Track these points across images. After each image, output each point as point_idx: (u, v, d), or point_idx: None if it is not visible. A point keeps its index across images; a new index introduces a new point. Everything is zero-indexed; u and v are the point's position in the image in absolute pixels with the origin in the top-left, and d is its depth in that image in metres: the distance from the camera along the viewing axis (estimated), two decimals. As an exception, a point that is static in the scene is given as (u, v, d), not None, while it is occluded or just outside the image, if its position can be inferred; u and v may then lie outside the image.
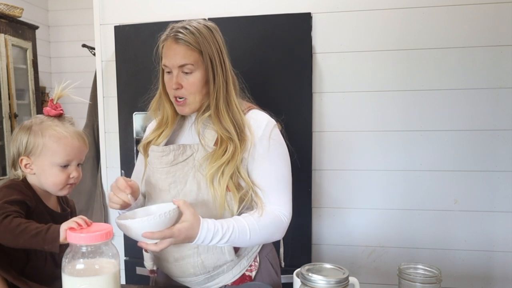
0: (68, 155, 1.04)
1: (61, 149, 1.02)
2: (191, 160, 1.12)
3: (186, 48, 1.09)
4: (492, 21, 1.86)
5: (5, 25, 3.17)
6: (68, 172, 1.05)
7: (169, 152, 1.13)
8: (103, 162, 2.26)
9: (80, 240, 0.81)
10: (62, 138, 1.03)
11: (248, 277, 1.16)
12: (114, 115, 2.16)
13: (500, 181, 1.92)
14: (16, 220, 0.92)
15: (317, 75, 1.99)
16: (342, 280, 0.80)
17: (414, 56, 1.93)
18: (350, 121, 2.00)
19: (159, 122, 1.21)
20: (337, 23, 1.96)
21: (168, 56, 1.11)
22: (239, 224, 1.05)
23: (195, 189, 1.10)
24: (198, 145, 1.13)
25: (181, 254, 1.11)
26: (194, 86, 1.11)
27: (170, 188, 1.12)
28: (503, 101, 1.89)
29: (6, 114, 3.13)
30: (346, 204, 2.04)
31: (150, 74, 1.25)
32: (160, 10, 2.09)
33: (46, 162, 1.03)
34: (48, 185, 1.05)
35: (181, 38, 1.09)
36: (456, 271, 1.98)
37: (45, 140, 1.02)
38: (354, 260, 2.07)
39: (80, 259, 0.81)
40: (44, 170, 1.03)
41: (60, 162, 1.03)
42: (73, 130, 1.07)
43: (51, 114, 1.06)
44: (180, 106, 1.14)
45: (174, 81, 1.10)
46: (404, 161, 1.98)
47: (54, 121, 1.05)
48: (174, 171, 1.12)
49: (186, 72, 1.10)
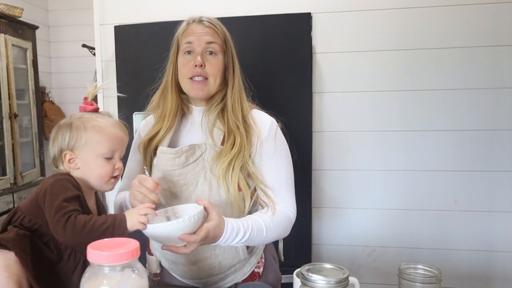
0: (112, 145, 1.03)
1: (105, 139, 1.02)
2: (201, 160, 1.12)
3: (213, 31, 1.13)
4: (492, 21, 1.86)
5: (5, 25, 3.17)
6: (113, 163, 1.03)
7: (181, 154, 1.11)
8: (103, 162, 2.26)
9: (103, 260, 0.67)
10: (104, 128, 1.03)
11: (257, 273, 1.18)
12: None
13: (500, 181, 1.92)
14: (80, 219, 0.89)
15: (317, 75, 1.99)
16: (342, 280, 0.80)
17: (414, 56, 1.93)
18: (350, 121, 2.00)
19: (158, 116, 1.19)
20: (337, 23, 1.96)
21: (195, 34, 1.12)
22: (257, 223, 1.06)
23: (206, 190, 1.10)
24: (205, 144, 1.13)
25: (198, 257, 1.11)
26: (216, 67, 1.12)
27: (182, 190, 1.11)
28: (503, 101, 1.89)
29: (6, 114, 3.13)
30: (346, 204, 2.04)
31: (151, 74, 1.25)
32: (160, 10, 2.09)
33: (91, 154, 1.01)
34: (95, 178, 1.02)
35: (207, 21, 1.13)
36: (456, 271, 1.98)
37: (88, 132, 1.01)
38: (354, 260, 2.07)
39: (103, 281, 0.67)
40: (89, 162, 1.01)
41: (104, 153, 1.01)
42: (114, 120, 1.08)
43: (88, 110, 1.06)
44: (197, 86, 1.12)
45: (199, 58, 1.10)
46: (404, 161, 1.98)
47: (93, 115, 1.05)
48: (185, 173, 1.11)
49: (211, 52, 1.12)
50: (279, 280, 1.26)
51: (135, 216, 0.92)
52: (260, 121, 1.16)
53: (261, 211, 1.12)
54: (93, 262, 0.67)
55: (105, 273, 0.67)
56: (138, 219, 0.91)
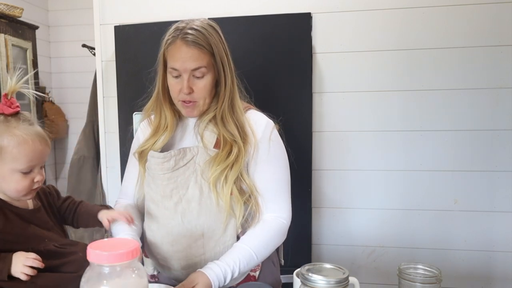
0: (31, 161, 0.92)
1: (22, 155, 0.90)
2: (192, 164, 1.10)
3: (198, 51, 1.04)
4: (492, 21, 1.86)
5: (5, 25, 3.17)
6: (31, 177, 0.93)
7: (170, 158, 1.10)
8: (103, 162, 2.26)
9: (103, 260, 0.66)
10: (22, 143, 0.90)
11: (252, 277, 1.16)
12: (114, 115, 2.16)
13: (500, 181, 1.92)
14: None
15: (317, 75, 1.99)
16: (342, 280, 0.80)
17: (414, 56, 1.93)
18: (350, 121, 2.00)
19: (155, 127, 1.17)
20: (337, 23, 1.96)
21: (179, 60, 1.05)
22: (244, 253, 1.05)
23: (197, 193, 1.09)
24: (197, 147, 1.11)
25: (188, 262, 1.10)
26: (205, 90, 1.08)
27: (172, 194, 1.10)
28: (503, 101, 1.89)
29: (6, 114, 3.13)
30: (346, 204, 2.04)
31: (151, 74, 1.24)
32: (160, 10, 2.09)
33: (5, 168, 0.91)
34: (10, 191, 0.94)
35: (191, 40, 1.04)
36: (456, 271, 1.98)
37: (3, 145, 0.89)
38: (354, 260, 2.07)
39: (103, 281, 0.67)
40: (4, 176, 0.92)
41: (22, 169, 0.91)
42: (34, 131, 0.93)
43: (6, 113, 0.91)
44: (188, 109, 1.11)
45: (186, 85, 1.05)
46: (404, 161, 1.98)
47: (11, 122, 0.91)
48: (175, 177, 1.10)
49: (198, 76, 1.06)
50: (279, 284, 1.25)
51: (20, 265, 0.85)
52: (255, 123, 1.15)
53: (251, 230, 1.10)
54: (93, 262, 0.66)
55: (105, 273, 0.66)
56: (21, 269, 0.85)
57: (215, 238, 1.09)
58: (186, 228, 1.09)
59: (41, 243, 0.96)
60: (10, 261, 0.87)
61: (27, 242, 0.94)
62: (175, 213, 1.10)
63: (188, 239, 1.09)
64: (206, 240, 1.09)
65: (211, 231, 1.09)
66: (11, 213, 0.95)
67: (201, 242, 1.09)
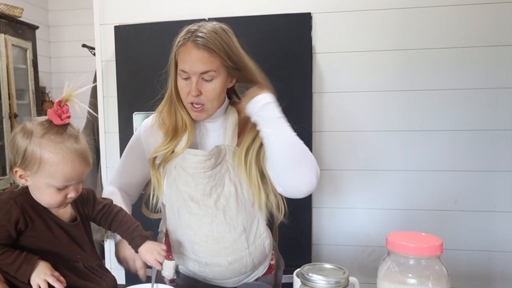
0: (67, 181, 0.90)
1: (59, 174, 0.88)
2: (225, 162, 1.13)
3: (208, 55, 1.05)
4: (492, 21, 1.86)
5: (5, 25, 3.17)
6: (65, 193, 0.92)
7: (212, 155, 1.10)
8: (103, 162, 2.26)
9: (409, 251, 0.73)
10: (62, 162, 0.87)
11: (272, 265, 1.22)
12: (114, 115, 2.16)
13: (500, 181, 1.92)
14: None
15: (317, 75, 1.99)
16: (342, 280, 0.80)
17: (414, 56, 1.93)
18: (350, 121, 2.00)
19: (172, 128, 1.16)
20: (337, 23, 1.96)
21: (188, 62, 1.05)
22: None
23: (233, 190, 1.11)
24: (224, 145, 1.14)
25: (235, 257, 1.12)
26: (213, 93, 1.09)
27: (212, 192, 1.12)
28: (503, 101, 1.89)
29: (6, 114, 3.13)
30: (346, 204, 2.04)
31: (151, 74, 1.24)
32: (160, 10, 2.09)
33: (41, 181, 0.89)
34: (43, 202, 0.93)
35: (202, 43, 1.04)
36: (456, 271, 1.98)
37: (43, 159, 0.87)
38: (354, 260, 2.07)
39: (407, 273, 0.72)
40: (39, 188, 0.91)
41: (57, 186, 0.89)
42: (77, 150, 0.89)
43: (55, 123, 0.88)
44: (196, 112, 1.11)
45: (194, 87, 1.06)
46: (404, 161, 1.98)
47: (57, 137, 0.88)
48: (214, 174, 1.12)
49: (207, 79, 1.07)
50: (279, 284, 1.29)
51: (41, 276, 0.86)
52: None
53: None
54: (396, 252, 0.71)
55: (409, 264, 0.72)
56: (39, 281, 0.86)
57: (253, 231, 1.14)
58: (229, 225, 1.12)
59: (73, 258, 0.97)
60: (34, 266, 0.87)
61: (59, 254, 0.94)
62: (217, 211, 1.12)
63: (233, 235, 1.12)
64: (247, 234, 1.13)
65: (249, 225, 1.13)
66: (52, 222, 0.95)
67: (244, 236, 1.13)
